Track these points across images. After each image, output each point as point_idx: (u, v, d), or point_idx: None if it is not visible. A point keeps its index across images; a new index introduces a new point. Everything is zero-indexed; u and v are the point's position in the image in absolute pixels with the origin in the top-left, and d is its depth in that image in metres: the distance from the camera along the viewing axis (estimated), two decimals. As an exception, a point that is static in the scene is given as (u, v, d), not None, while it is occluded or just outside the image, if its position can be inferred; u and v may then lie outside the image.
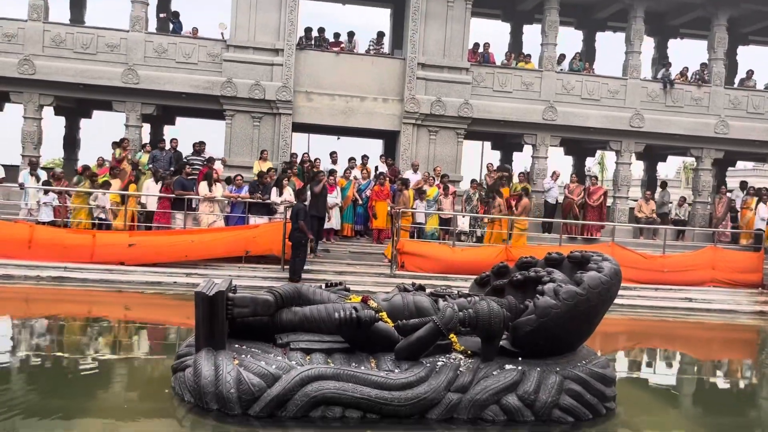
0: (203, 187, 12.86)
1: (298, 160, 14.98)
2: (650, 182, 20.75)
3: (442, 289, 6.36)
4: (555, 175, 16.51)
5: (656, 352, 9.62)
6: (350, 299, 5.92)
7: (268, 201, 12.91)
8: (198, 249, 11.93)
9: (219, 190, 13.01)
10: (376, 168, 16.01)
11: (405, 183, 13.76)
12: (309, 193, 12.47)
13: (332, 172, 14.06)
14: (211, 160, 14.19)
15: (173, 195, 12.82)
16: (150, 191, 12.87)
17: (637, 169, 27.40)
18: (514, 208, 14.07)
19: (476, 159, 21.95)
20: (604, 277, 5.45)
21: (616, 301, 5.89)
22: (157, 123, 17.88)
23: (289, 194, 12.94)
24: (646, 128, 16.84)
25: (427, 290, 6.49)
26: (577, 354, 5.70)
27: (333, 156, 15.37)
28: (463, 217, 14.56)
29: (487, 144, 21.38)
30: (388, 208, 13.61)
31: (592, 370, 5.39)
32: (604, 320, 5.86)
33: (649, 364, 8.76)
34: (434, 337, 5.26)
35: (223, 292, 5.24)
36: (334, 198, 13.70)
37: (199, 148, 14.83)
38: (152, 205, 12.92)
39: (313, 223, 12.39)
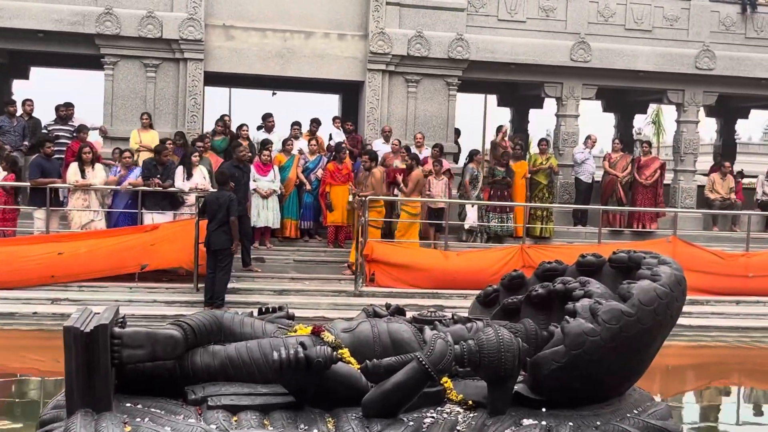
0: (73, 171, 12.70)
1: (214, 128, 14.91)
2: (727, 148, 21.12)
3: (429, 312, 6.35)
4: (590, 142, 16.70)
5: (739, 393, 9.80)
6: (295, 331, 5.90)
7: (172, 189, 12.81)
8: (69, 264, 11.83)
9: (97, 175, 12.86)
10: (330, 137, 16.00)
11: (372, 157, 13.76)
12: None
13: (264, 145, 14.00)
14: (83, 130, 14.01)
15: (27, 184, 12.64)
16: (-7, 179, 12.71)
17: (708, 130, 27.88)
18: (402, 185, 13.99)
19: (476, 120, 22.08)
20: (661, 288, 5.52)
21: (680, 321, 5.97)
22: (2, 77, 17.58)
23: (201, 177, 12.85)
24: (719, 70, 17.16)
25: (409, 314, 6.50)
26: (626, 400, 5.76)
27: (267, 121, 15.33)
28: (472, 206, 14.67)
29: (492, 98, 21.50)
30: (350, 195, 13.61)
31: (648, 423, 5.47)
32: (664, 349, 5.94)
33: (729, 412, 8.92)
34: (419, 383, 5.26)
35: (106, 326, 5.17)
36: (269, 182, 13.65)
37: (65, 112, 14.64)
38: (-4, 200, 12.77)
39: (243, 222, 12.34)
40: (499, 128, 16.53)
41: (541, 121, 32.47)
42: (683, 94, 17.35)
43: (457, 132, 17.40)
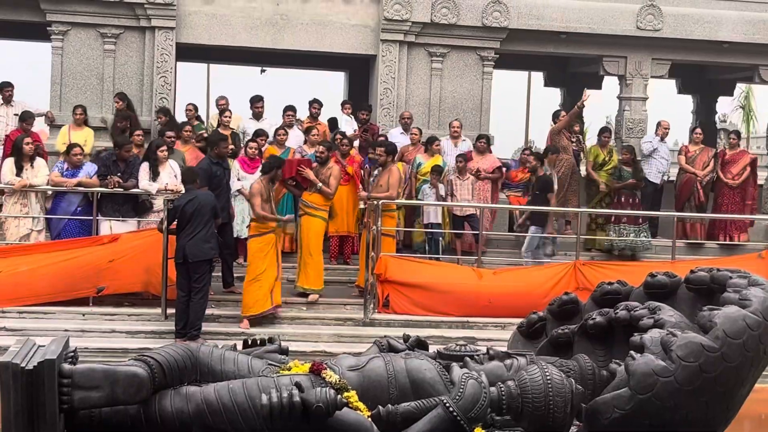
0: (8, 168, 12.71)
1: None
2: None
3: (458, 346, 6.36)
4: (661, 130, 16.61)
5: None
6: (289, 369, 5.91)
7: (135, 190, 12.83)
8: (5, 286, 11.83)
9: (39, 174, 12.87)
10: (334, 124, 15.97)
11: (390, 150, 13.70)
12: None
13: (255, 136, 14.04)
14: (27, 118, 14.03)
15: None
16: None
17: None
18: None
19: (518, 103, 22.05)
20: (752, 317, 5.50)
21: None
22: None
23: (171, 176, 12.86)
24: (825, 41, 17.06)
25: (432, 348, 6.50)
26: (707, 458, 5.74)
27: (255, 105, 15.37)
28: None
29: (537, 75, 21.50)
30: (360, 203, 13.58)
31: (736, 486, 5.44)
32: (755, 393, 5.91)
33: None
34: (445, 435, 5.27)
35: (53, 362, 5.19)
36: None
37: (4, 95, 14.69)
38: None
39: (224, 232, 12.37)
40: (557, 114, 16.58)
41: (599, 106, 32.45)
42: (780, 71, 17.32)
43: None
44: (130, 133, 13.66)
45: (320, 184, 12.48)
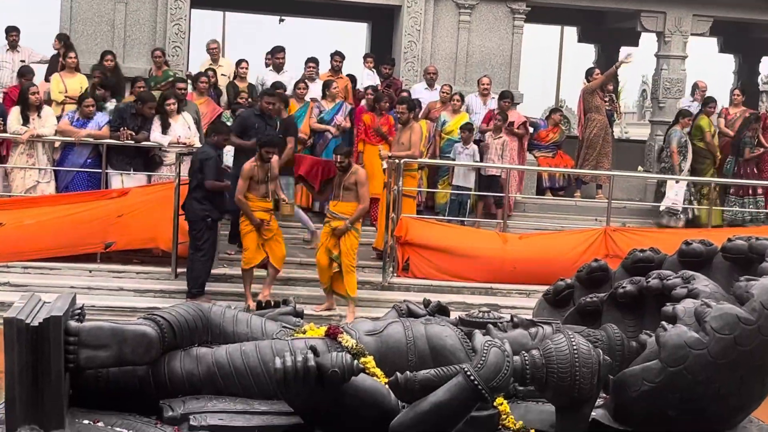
0: (15, 117, 12.76)
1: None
2: None
3: (481, 313, 6.37)
4: (699, 93, 16.55)
5: None
6: (304, 332, 5.94)
7: (146, 143, 12.86)
8: (10, 240, 11.93)
9: (46, 123, 12.91)
10: (353, 81, 15.93)
11: (411, 106, 13.66)
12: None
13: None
14: (26, 74, 13.84)
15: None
16: None
17: None
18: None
19: (549, 60, 21.96)
20: (792, 288, 5.48)
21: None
22: None
23: (185, 128, 12.88)
24: None
25: (453, 314, 6.51)
26: (741, 435, 5.75)
27: (276, 56, 15.35)
28: (677, 182, 14.80)
29: (570, 31, 21.38)
30: (380, 154, 13.55)
31: (768, 464, 5.45)
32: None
33: None
34: (466, 404, 5.27)
35: (59, 319, 5.23)
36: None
37: (10, 40, 14.72)
38: None
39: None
40: (590, 71, 16.50)
41: (635, 64, 32.19)
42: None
43: None
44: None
45: (350, 225, 11.24)
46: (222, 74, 14.84)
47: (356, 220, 11.37)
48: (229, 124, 12.90)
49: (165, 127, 12.69)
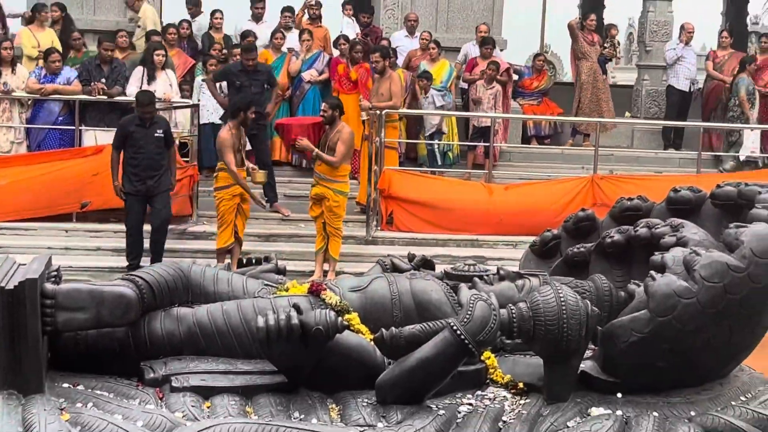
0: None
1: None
2: None
3: (467, 266, 6.39)
4: (685, 35, 16.50)
5: None
6: (287, 290, 5.94)
7: (122, 98, 12.80)
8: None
9: (18, 78, 12.84)
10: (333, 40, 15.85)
11: (384, 54, 13.54)
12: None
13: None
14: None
15: None
16: None
17: None
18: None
19: (535, 3, 21.85)
20: (782, 234, 5.50)
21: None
22: None
23: (167, 84, 12.84)
24: None
25: (439, 268, 6.52)
26: (730, 384, 5.78)
27: (256, 6, 15.40)
28: (752, 130, 14.79)
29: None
30: (360, 105, 13.51)
31: (761, 414, 5.50)
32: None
33: None
34: (453, 359, 5.30)
35: (35, 282, 5.22)
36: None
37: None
38: None
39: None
40: (587, 16, 16.58)
41: (620, 6, 32.12)
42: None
43: None
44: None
45: (318, 152, 11.30)
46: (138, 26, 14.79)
47: (320, 158, 11.25)
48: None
49: (150, 79, 12.68)
